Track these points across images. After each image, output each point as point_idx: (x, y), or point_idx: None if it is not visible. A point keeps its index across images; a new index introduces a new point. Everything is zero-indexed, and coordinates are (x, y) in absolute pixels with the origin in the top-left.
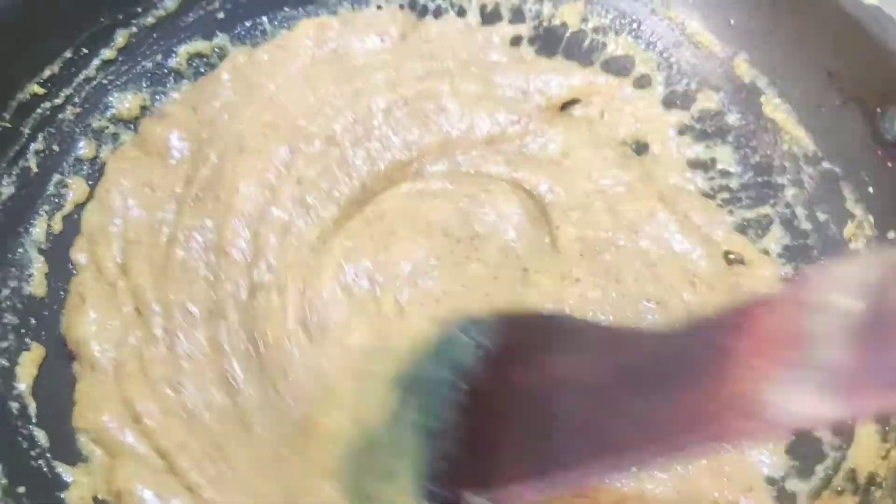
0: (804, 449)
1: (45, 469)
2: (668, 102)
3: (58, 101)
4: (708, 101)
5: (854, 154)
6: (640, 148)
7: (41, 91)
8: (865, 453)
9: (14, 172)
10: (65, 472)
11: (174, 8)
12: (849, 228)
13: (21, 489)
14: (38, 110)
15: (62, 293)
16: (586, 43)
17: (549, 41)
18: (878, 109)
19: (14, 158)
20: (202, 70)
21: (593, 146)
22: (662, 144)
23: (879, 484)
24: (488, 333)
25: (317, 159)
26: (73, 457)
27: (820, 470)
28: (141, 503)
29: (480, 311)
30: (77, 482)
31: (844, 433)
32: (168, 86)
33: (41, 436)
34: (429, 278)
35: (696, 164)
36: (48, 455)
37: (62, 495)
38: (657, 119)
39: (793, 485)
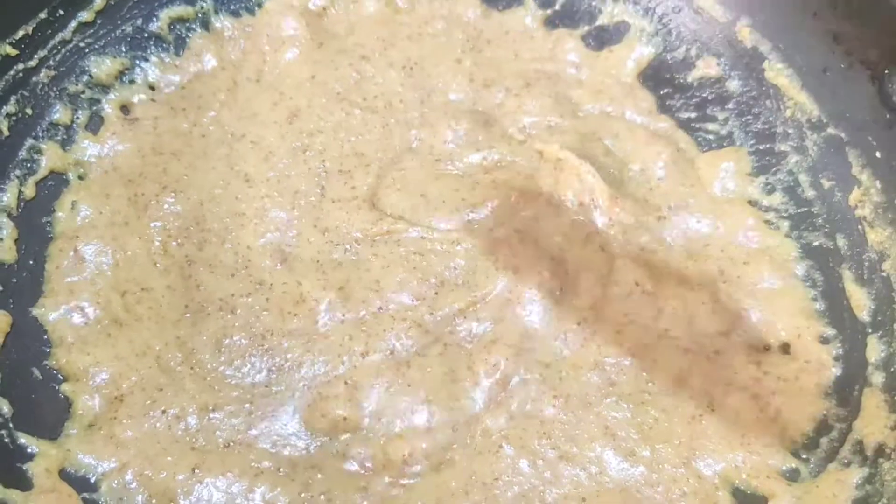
0: None
1: (6, 440)
2: None
3: (31, 64)
4: (708, 67)
5: (860, 118)
6: None
7: (13, 52)
8: (872, 424)
9: None
10: (29, 442)
11: None
12: (854, 195)
13: None
14: (11, 72)
15: (32, 261)
16: (583, 6)
17: (543, 4)
18: (886, 71)
19: None
20: (184, 35)
21: None
22: None
23: (888, 455)
24: None
25: None
26: (38, 427)
27: (825, 442)
28: None
29: None
30: (43, 453)
31: (850, 404)
32: (148, 51)
33: (4, 405)
34: None
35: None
36: (11, 425)
37: (24, 467)
38: None
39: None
